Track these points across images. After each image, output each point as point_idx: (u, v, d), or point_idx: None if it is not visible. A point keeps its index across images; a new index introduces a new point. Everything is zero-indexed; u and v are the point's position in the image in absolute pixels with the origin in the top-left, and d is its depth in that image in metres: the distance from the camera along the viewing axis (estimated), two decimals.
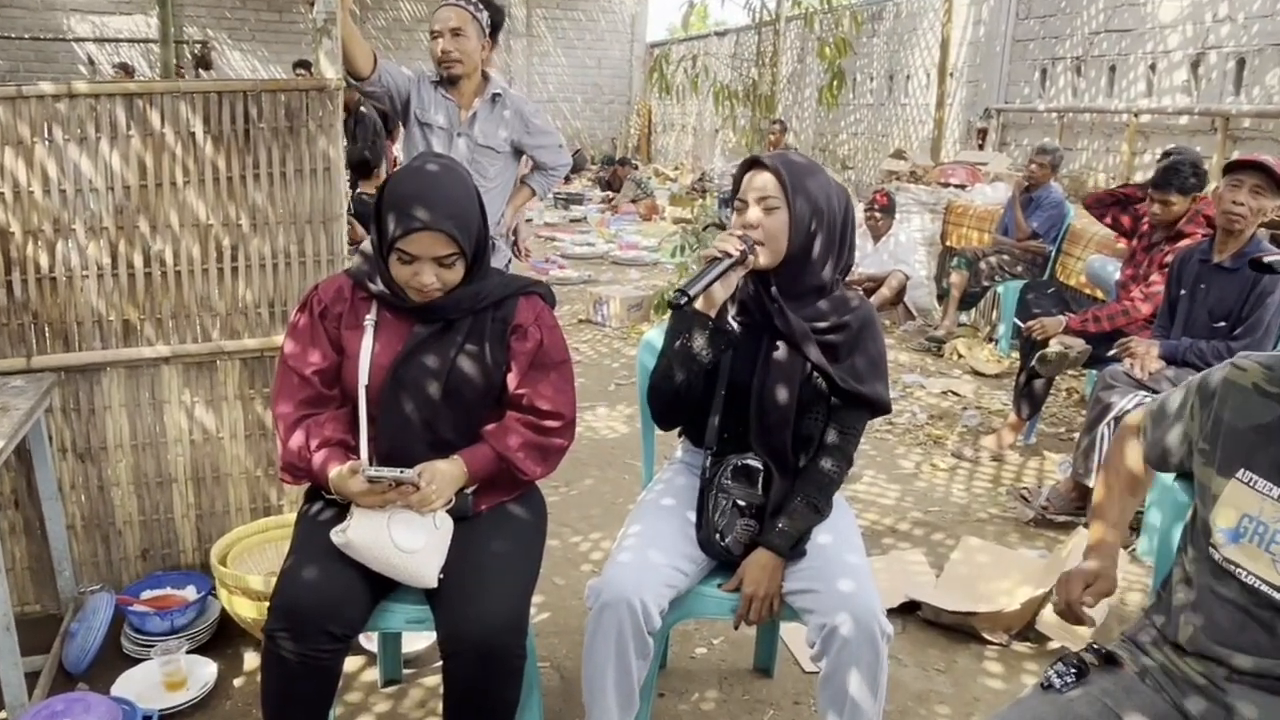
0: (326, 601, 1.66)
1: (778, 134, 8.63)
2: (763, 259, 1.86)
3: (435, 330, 1.84)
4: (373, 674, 2.40)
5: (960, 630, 2.68)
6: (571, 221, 11.21)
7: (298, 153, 2.52)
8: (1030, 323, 4.06)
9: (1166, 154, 4.40)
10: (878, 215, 6.49)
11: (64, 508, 2.53)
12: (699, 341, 1.86)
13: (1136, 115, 6.97)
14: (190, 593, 2.52)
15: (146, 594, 2.51)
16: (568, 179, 15.19)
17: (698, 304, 1.84)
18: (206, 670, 2.32)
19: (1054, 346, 3.71)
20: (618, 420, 4.46)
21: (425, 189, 1.75)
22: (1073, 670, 1.42)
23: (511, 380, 1.89)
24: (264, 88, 2.48)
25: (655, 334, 2.21)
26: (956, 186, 7.51)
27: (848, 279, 2.03)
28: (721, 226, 6.91)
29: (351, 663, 2.46)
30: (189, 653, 2.38)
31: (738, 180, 1.92)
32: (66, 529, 2.54)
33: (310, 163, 2.54)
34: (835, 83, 5.40)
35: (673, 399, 1.92)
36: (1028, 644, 2.65)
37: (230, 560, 2.47)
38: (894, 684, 2.45)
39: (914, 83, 10.04)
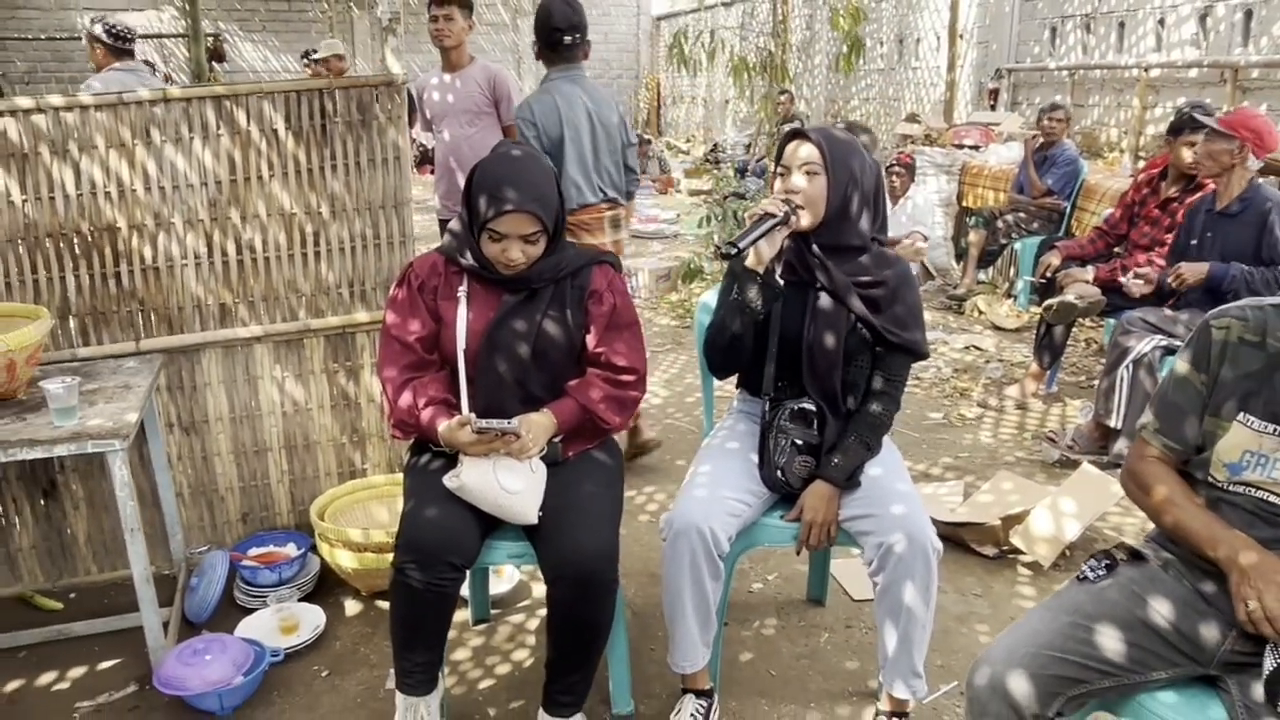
0: (447, 536, 1.90)
1: (786, 104, 8.75)
2: (804, 220, 2.08)
3: (522, 299, 2.07)
4: (464, 615, 2.65)
5: (971, 550, 2.98)
6: None
7: (370, 144, 2.74)
8: (1062, 273, 4.22)
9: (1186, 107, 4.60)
10: (895, 176, 6.63)
11: (173, 477, 2.78)
12: (750, 294, 2.07)
13: (1147, 70, 7.08)
14: (291, 549, 2.77)
15: (253, 551, 2.76)
16: None
17: (748, 261, 2.07)
18: (316, 615, 2.57)
19: (1067, 297, 3.90)
20: (657, 384, 4.69)
21: (513, 174, 1.96)
22: (1104, 565, 1.64)
23: (590, 340, 2.11)
24: (338, 85, 2.70)
25: (710, 296, 2.43)
26: (970, 148, 7.65)
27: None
28: (742, 196, 7.11)
29: None
30: (296, 602, 2.65)
31: (780, 150, 2.14)
32: (176, 496, 2.79)
33: (381, 152, 2.76)
34: (852, 52, 5.55)
35: (727, 347, 2.15)
36: (1056, 569, 2.87)
37: (328, 516, 2.72)
38: (936, 608, 2.68)
39: (924, 46, 10.13)
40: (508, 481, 1.94)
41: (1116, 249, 4.49)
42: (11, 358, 2.25)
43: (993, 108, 8.82)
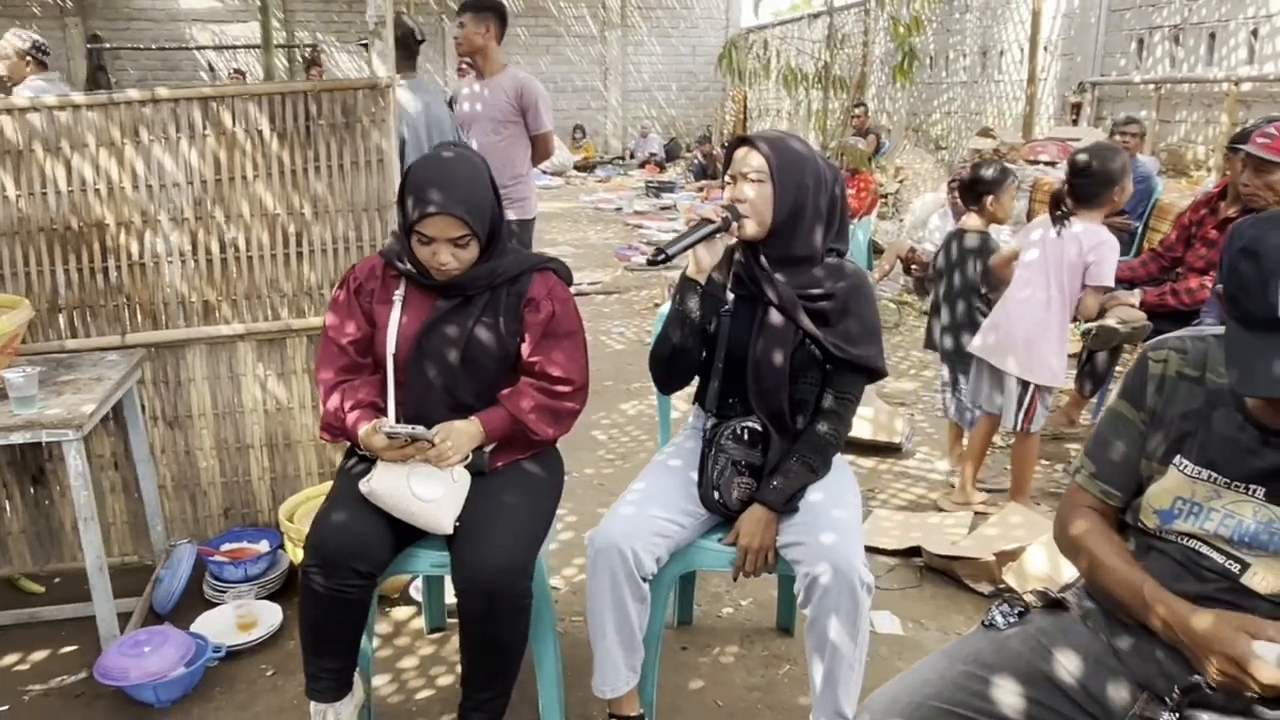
0: (352, 542, 1.87)
1: (862, 116, 8.57)
2: (749, 229, 1.98)
3: (455, 304, 2.03)
4: (420, 622, 2.62)
5: (966, 586, 2.81)
6: (662, 209, 11.36)
7: (354, 146, 2.75)
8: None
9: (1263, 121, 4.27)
10: (956, 192, 6.40)
11: (156, 470, 2.84)
12: (690, 304, 2.00)
13: (1237, 84, 6.67)
14: (263, 546, 2.79)
15: (226, 546, 2.80)
16: (662, 166, 15.40)
17: (688, 270, 1.99)
18: (274, 614, 2.58)
19: (1109, 321, 3.66)
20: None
21: (439, 176, 1.93)
22: (1016, 611, 1.50)
23: (525, 349, 2.06)
24: (322, 87, 2.72)
25: (668, 307, 2.35)
26: (1046, 164, 7.33)
27: (924, 260, 2.13)
28: None
29: (401, 611, 2.69)
30: (261, 599, 2.66)
31: (728, 157, 2.05)
32: (158, 489, 2.85)
33: (365, 155, 2.76)
34: (905, 61, 5.38)
35: (669, 360, 2.07)
36: None
37: (297, 518, 2.72)
38: (914, 646, 2.54)
39: (1007, 58, 9.78)
40: (421, 489, 1.90)
41: (1178, 270, 4.21)
42: None
43: (1074, 122, 8.44)
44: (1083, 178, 3.11)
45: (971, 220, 3.90)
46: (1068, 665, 1.41)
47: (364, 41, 4.41)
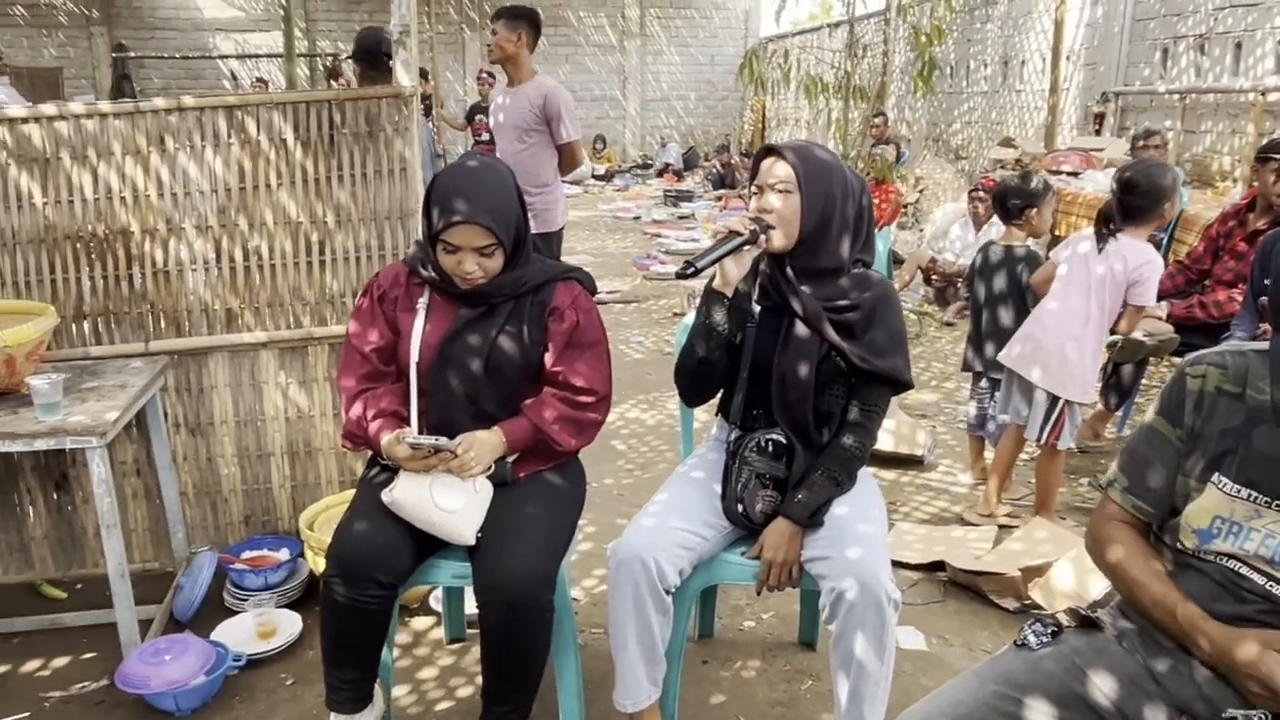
0: (373, 552, 1.86)
1: (881, 126, 8.53)
2: (777, 241, 1.96)
3: (479, 313, 2.02)
4: (439, 632, 2.61)
5: (991, 602, 2.77)
6: (680, 219, 11.35)
7: (377, 155, 2.75)
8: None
9: None
10: (979, 202, 6.37)
11: (177, 477, 2.84)
12: (717, 317, 1.98)
13: (1264, 94, 6.58)
14: (284, 554, 2.79)
15: (246, 554, 2.79)
16: (680, 176, 15.40)
17: (715, 282, 1.97)
18: (294, 622, 2.57)
19: (1135, 333, 3.61)
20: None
21: (465, 185, 1.92)
22: (1049, 631, 1.47)
23: (548, 358, 2.05)
24: (346, 96, 2.72)
25: (692, 317, 2.33)
26: (1069, 174, 7.27)
27: (945, 271, 2.11)
28: None
29: (421, 622, 2.68)
30: (281, 607, 2.66)
31: (755, 167, 2.03)
32: (180, 495, 2.85)
33: (388, 164, 2.76)
34: (926, 69, 5.35)
35: (695, 373, 2.05)
36: None
37: (317, 526, 2.72)
38: (938, 662, 2.51)
39: (1029, 68, 9.72)
40: (444, 500, 1.89)
41: (1207, 283, 4.17)
42: (10, 354, 2.33)
43: (1097, 132, 8.37)
44: (1132, 194, 3.06)
45: (998, 231, 3.87)
46: (1103, 687, 1.38)
47: (345, 57, 4.48)
